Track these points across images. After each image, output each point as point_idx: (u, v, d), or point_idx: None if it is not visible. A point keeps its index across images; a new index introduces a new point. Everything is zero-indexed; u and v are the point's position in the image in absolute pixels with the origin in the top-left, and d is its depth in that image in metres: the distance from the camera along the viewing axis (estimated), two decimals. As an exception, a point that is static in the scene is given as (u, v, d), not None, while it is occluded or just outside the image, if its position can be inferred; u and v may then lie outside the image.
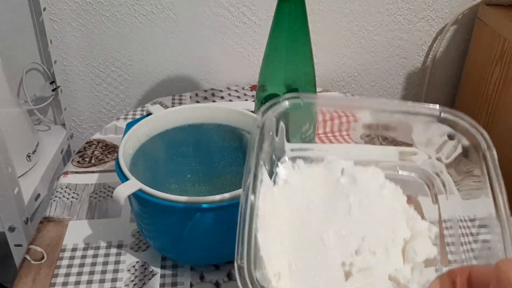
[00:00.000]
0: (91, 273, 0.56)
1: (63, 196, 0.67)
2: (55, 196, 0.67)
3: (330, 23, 0.96)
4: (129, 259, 0.58)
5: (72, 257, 0.58)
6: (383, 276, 0.38)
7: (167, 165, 0.63)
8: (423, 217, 0.42)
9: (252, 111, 0.63)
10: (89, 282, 0.55)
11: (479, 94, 0.97)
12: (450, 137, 0.40)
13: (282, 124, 0.41)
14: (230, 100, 0.91)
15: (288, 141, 0.43)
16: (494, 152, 0.38)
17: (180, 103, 0.90)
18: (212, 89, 0.96)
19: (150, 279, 0.55)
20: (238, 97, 0.93)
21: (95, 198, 0.67)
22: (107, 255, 0.58)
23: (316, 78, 0.59)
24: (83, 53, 0.95)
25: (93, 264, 0.57)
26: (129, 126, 0.59)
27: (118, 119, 0.85)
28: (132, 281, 0.55)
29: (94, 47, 0.95)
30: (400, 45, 1.01)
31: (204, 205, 0.48)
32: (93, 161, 0.74)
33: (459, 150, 0.40)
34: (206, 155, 0.64)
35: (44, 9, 0.87)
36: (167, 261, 0.58)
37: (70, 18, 0.91)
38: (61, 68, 0.96)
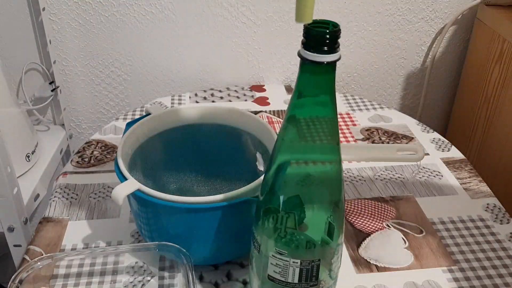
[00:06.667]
0: (90, 274, 0.56)
1: (62, 197, 0.67)
2: (54, 197, 0.67)
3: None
4: (128, 260, 0.58)
5: (71, 258, 0.58)
6: None
7: (166, 165, 0.63)
8: None
9: (252, 111, 0.63)
10: (88, 284, 0.55)
11: (479, 94, 0.97)
12: None
13: None
14: (230, 100, 0.91)
15: None
16: None
17: (180, 103, 0.90)
18: (211, 89, 0.96)
19: (149, 280, 0.55)
20: (238, 97, 0.93)
21: (94, 198, 0.67)
22: (105, 255, 0.58)
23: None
24: (82, 53, 0.95)
25: (92, 265, 0.57)
26: (129, 126, 0.59)
27: (117, 119, 0.85)
28: (131, 282, 0.55)
29: (93, 47, 0.95)
30: (400, 45, 1.01)
31: (203, 205, 0.48)
32: (92, 161, 0.74)
33: None
34: (205, 155, 0.64)
35: (43, 9, 0.87)
36: (166, 262, 0.58)
37: (69, 18, 0.91)
38: (60, 68, 0.96)
